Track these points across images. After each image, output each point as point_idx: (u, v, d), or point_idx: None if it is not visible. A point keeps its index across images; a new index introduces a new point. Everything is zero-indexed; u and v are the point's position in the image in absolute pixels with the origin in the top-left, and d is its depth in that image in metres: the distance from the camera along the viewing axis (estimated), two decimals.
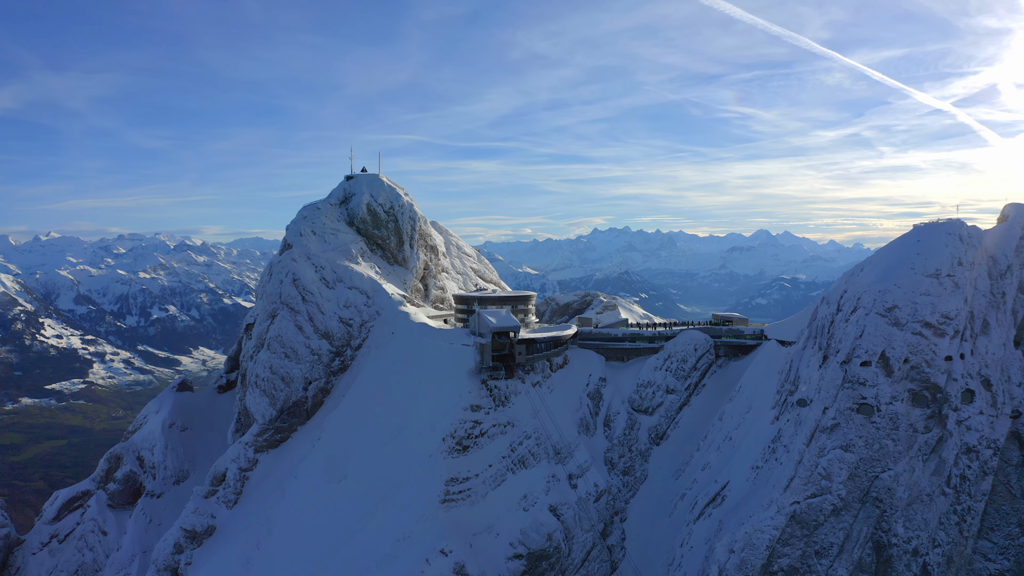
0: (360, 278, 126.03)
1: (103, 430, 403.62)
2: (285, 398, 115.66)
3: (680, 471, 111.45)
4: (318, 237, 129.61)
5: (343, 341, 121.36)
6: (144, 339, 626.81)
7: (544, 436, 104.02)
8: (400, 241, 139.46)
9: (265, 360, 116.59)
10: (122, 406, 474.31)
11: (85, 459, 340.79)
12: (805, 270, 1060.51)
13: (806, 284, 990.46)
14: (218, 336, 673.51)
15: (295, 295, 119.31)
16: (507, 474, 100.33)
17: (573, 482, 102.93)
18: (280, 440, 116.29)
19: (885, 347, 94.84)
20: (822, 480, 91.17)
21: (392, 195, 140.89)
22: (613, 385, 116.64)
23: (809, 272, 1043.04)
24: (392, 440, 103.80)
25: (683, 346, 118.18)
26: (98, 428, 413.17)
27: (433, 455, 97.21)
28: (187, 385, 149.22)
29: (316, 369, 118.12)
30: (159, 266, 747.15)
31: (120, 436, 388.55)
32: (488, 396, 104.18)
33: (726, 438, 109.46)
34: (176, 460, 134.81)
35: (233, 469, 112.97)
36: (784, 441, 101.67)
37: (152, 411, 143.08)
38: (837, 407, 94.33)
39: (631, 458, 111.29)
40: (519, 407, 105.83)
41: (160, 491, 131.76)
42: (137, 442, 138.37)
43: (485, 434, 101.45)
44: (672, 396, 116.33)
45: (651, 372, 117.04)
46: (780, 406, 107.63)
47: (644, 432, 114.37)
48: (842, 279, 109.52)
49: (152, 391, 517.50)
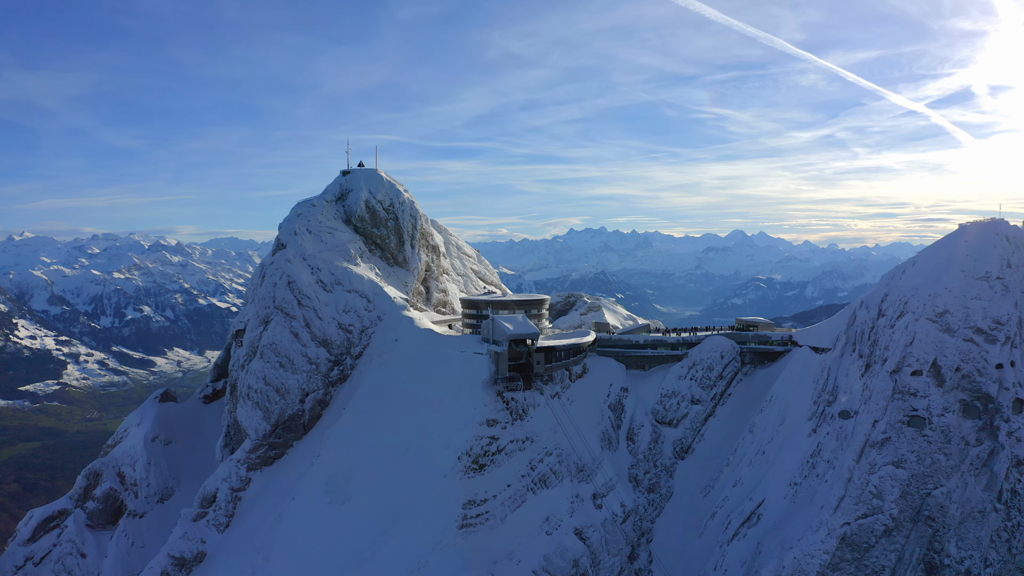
0: (360, 280, 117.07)
1: (77, 432, 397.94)
2: (280, 411, 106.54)
3: (709, 487, 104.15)
4: (314, 236, 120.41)
5: (342, 349, 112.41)
6: (118, 340, 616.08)
7: (566, 452, 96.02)
8: (400, 241, 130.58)
9: (258, 370, 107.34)
10: (96, 408, 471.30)
11: (59, 461, 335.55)
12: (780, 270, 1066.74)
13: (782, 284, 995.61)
14: (193, 337, 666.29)
15: (290, 299, 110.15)
16: (527, 494, 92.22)
17: (598, 502, 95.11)
18: (275, 457, 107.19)
19: (937, 355, 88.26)
20: (873, 499, 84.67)
21: (392, 191, 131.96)
22: (635, 396, 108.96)
23: (784, 272, 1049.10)
24: (399, 458, 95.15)
25: (708, 353, 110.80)
26: (72, 430, 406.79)
27: (448, 475, 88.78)
28: (170, 395, 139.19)
29: (314, 380, 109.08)
30: (133, 266, 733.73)
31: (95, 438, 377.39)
32: (504, 409, 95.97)
33: (759, 452, 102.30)
34: (160, 476, 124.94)
35: (224, 489, 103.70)
36: (825, 455, 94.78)
37: (133, 423, 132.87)
38: (887, 420, 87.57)
39: (656, 474, 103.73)
40: (538, 421, 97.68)
41: (143, 510, 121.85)
42: (117, 457, 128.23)
43: (502, 451, 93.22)
44: (697, 407, 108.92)
45: (675, 381, 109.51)
46: (817, 417, 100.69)
47: (668, 446, 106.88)
48: (881, 282, 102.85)
49: (126, 392, 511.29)
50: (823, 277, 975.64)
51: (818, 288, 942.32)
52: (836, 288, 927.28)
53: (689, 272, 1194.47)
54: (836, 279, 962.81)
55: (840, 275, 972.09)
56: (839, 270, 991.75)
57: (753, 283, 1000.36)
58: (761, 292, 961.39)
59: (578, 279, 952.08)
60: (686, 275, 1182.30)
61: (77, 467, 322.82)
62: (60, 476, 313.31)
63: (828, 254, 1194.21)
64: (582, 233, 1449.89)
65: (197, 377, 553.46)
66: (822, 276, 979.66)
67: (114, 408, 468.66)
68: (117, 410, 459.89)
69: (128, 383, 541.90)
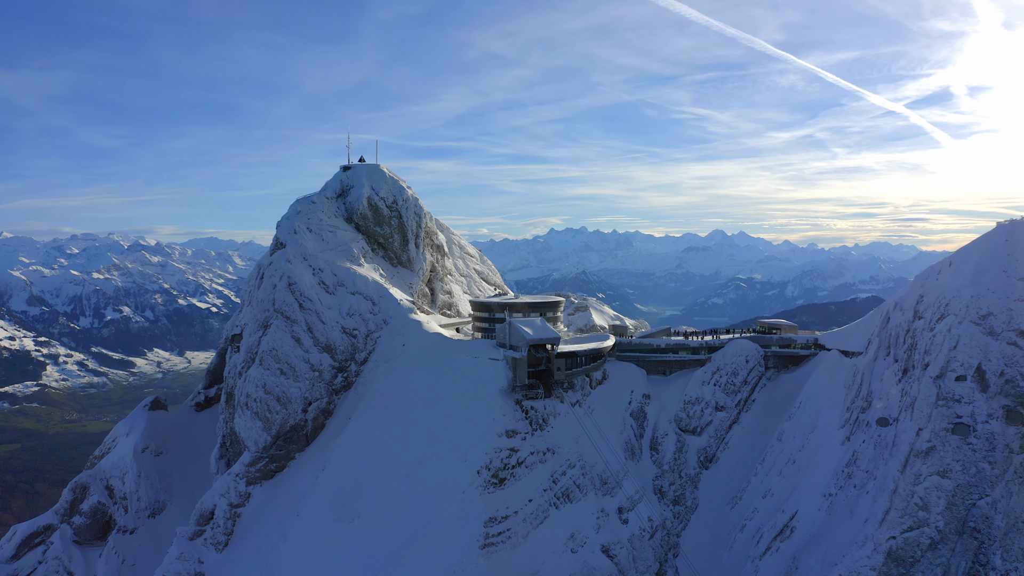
0: (364, 282, 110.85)
1: (57, 433, 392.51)
2: (281, 421, 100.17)
3: (736, 498, 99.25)
4: (315, 235, 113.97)
5: (347, 355, 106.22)
6: (98, 341, 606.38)
7: (590, 464, 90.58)
8: (404, 240, 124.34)
9: (258, 377, 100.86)
10: (76, 409, 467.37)
11: (39, 463, 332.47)
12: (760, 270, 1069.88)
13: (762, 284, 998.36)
14: (173, 338, 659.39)
15: (291, 302, 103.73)
16: (550, 509, 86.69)
17: (624, 516, 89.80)
18: (276, 470, 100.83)
19: (981, 359, 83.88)
20: (919, 511, 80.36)
21: (395, 188, 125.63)
22: (657, 403, 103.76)
23: (764, 272, 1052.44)
24: (412, 472, 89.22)
25: (733, 357, 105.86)
26: (52, 432, 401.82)
27: (467, 491, 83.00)
28: (160, 403, 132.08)
29: (317, 387, 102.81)
30: (113, 266, 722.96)
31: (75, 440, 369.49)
32: (524, 419, 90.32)
33: (789, 461, 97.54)
34: (151, 490, 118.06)
35: (223, 505, 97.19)
36: (863, 465, 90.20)
37: (122, 433, 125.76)
38: (931, 428, 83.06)
39: (681, 485, 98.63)
40: (559, 431, 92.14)
41: (133, 526, 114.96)
42: (105, 469, 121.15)
43: (523, 463, 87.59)
44: (722, 414, 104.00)
45: (698, 387, 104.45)
46: (851, 425, 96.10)
47: (692, 455, 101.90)
48: (915, 283, 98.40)
49: (106, 394, 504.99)
50: (803, 277, 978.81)
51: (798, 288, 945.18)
52: (816, 288, 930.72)
53: (669, 272, 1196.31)
54: (816, 279, 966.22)
55: (820, 275, 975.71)
56: (819, 270, 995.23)
57: (733, 283, 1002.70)
58: (741, 292, 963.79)
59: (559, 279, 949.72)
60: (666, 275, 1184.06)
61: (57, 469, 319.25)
62: (40, 478, 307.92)
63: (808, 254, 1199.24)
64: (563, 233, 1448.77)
65: (177, 378, 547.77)
66: (802, 276, 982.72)
67: (94, 409, 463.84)
68: (97, 411, 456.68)
69: (108, 384, 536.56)
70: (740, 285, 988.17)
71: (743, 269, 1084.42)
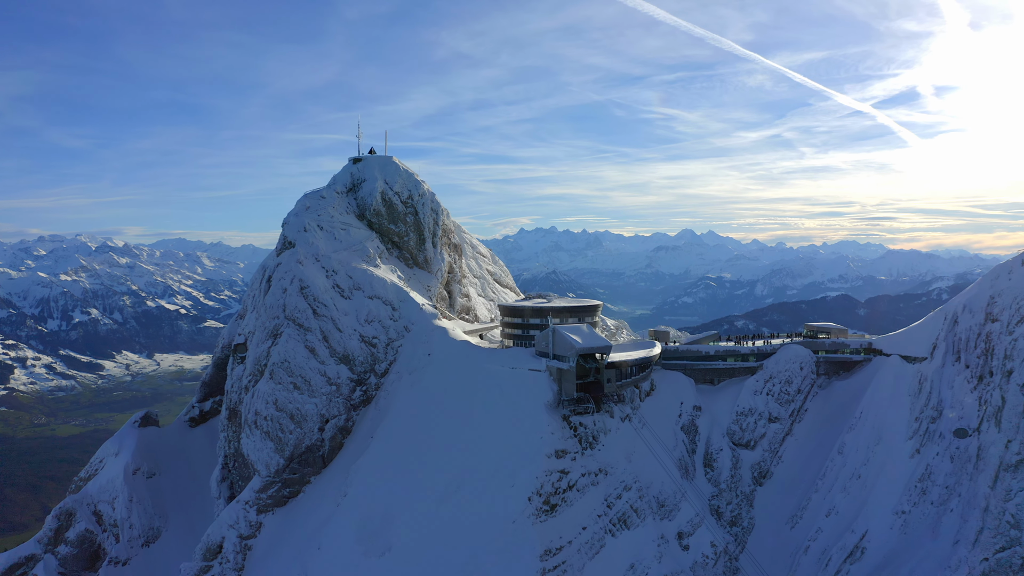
0: (383, 285, 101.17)
1: (25, 438, 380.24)
2: (296, 442, 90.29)
3: (796, 517, 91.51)
4: (326, 233, 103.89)
5: (366, 366, 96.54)
6: (66, 343, 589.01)
7: (645, 485, 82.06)
8: (421, 239, 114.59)
9: (268, 393, 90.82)
10: (45, 413, 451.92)
11: (8, 468, 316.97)
12: (730, 269, 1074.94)
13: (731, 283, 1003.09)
14: (142, 340, 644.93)
15: (304, 308, 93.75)
16: (605, 537, 78.05)
17: (684, 542, 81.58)
18: (289, 496, 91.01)
19: None
20: (1011, 529, 73.39)
21: (410, 182, 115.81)
22: (708, 415, 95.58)
23: (734, 271, 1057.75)
24: (448, 498, 79.85)
25: (787, 364, 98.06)
26: (20, 436, 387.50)
27: (517, 520, 73.95)
28: (151, 419, 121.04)
29: (335, 403, 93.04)
30: (80, 268, 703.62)
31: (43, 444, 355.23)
32: (573, 437, 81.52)
33: (854, 476, 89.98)
34: (144, 516, 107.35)
35: (232, 537, 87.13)
36: (939, 480, 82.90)
37: (110, 453, 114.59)
38: (1020, 439, 75.97)
39: (737, 504, 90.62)
40: (610, 449, 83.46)
41: (126, 556, 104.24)
42: (93, 493, 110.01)
43: (574, 487, 78.83)
44: (775, 425, 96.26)
45: (751, 397, 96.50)
46: (920, 436, 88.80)
47: (746, 471, 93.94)
48: (984, 284, 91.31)
49: (75, 397, 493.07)
50: (772, 276, 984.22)
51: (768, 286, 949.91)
52: (786, 286, 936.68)
53: (639, 271, 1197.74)
54: (785, 277, 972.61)
55: (789, 273, 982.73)
56: (788, 268, 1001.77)
57: (703, 282, 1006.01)
58: (711, 291, 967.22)
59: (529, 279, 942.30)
60: (636, 274, 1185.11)
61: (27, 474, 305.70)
62: (9, 483, 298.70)
63: (777, 252, 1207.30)
64: (532, 233, 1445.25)
65: (147, 381, 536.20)
66: (771, 275, 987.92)
67: (62, 413, 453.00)
68: (66, 415, 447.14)
69: (77, 387, 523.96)
70: (710, 284, 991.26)
71: (712, 268, 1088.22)
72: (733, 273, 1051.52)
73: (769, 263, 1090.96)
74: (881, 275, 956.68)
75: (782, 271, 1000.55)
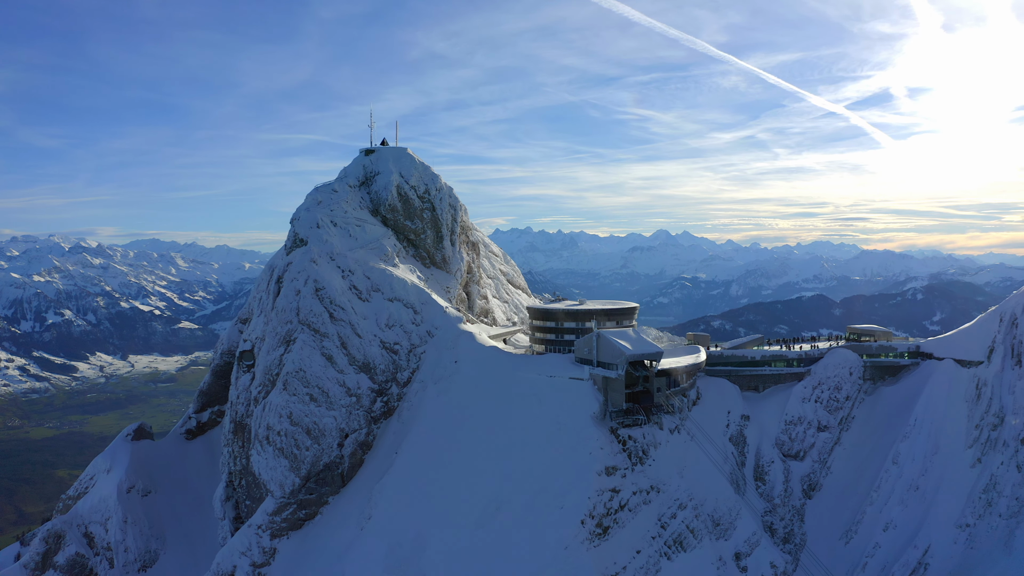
0: (403, 286, 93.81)
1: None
2: (313, 459, 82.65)
3: (850, 532, 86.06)
4: (340, 230, 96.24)
5: (387, 375, 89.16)
6: (39, 345, 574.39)
7: (699, 502, 75.84)
8: (439, 236, 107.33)
9: (281, 405, 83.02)
10: (18, 416, 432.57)
11: None
12: (705, 269, 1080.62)
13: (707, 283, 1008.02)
14: (116, 341, 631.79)
15: (320, 311, 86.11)
16: (661, 561, 71.68)
17: (742, 563, 75.50)
18: (306, 518, 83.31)
19: None
20: None
21: (427, 175, 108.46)
22: (756, 424, 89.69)
23: (709, 271, 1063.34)
24: (487, 522, 72.94)
25: (835, 370, 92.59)
26: None
27: (570, 546, 67.24)
28: (145, 431, 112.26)
29: (355, 416, 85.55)
30: (54, 269, 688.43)
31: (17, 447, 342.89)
32: (622, 452, 75.01)
33: (911, 488, 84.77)
34: (140, 538, 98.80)
35: (244, 566, 79.33)
36: (1006, 490, 77.90)
37: (101, 469, 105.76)
38: None
39: (790, 519, 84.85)
40: (662, 464, 77.05)
41: None
42: (83, 514, 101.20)
43: (625, 506, 72.36)
44: (824, 434, 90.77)
45: (798, 404, 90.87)
46: (981, 444, 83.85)
47: (796, 483, 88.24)
48: None
49: (48, 399, 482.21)
50: (747, 276, 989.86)
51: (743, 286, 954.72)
52: (760, 287, 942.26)
53: (615, 272, 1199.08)
54: (760, 277, 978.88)
55: (764, 273, 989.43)
56: (762, 268, 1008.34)
57: (678, 282, 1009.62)
58: (687, 291, 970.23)
59: None
60: (612, 274, 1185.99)
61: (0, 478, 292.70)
62: None
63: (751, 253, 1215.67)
64: (508, 233, 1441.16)
65: (121, 383, 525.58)
66: (746, 275, 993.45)
67: (36, 416, 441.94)
68: (39, 418, 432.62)
69: (50, 389, 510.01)
70: (685, 284, 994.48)
71: (688, 268, 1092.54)
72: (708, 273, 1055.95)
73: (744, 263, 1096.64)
74: (856, 275, 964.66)
75: (757, 271, 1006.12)
